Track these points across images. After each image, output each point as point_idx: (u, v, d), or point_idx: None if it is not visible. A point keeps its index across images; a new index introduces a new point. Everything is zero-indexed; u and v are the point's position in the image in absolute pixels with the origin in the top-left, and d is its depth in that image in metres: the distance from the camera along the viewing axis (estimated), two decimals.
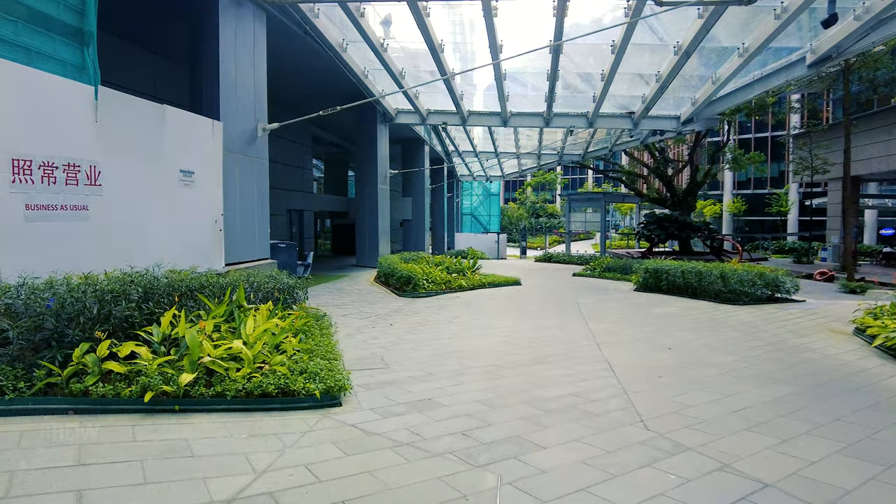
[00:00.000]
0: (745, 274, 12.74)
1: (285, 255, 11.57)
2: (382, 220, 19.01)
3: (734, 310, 11.51)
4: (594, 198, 43.63)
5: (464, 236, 39.29)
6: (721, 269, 13.24)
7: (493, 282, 15.82)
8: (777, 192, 52.49)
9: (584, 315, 10.74)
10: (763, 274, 12.74)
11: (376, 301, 12.11)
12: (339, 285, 14.57)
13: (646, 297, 13.88)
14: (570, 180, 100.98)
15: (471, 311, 10.98)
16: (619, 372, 6.24)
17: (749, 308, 11.76)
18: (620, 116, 18.31)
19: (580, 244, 59.51)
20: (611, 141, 30.22)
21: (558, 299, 13.29)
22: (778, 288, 12.73)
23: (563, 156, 32.98)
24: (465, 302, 12.33)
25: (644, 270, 15.41)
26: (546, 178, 78.22)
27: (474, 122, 19.09)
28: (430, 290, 13.43)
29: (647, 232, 29.73)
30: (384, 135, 19.32)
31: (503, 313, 10.87)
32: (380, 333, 8.66)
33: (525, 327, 9.35)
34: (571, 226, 40.21)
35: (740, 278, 12.65)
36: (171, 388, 4.22)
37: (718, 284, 12.93)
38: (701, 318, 10.39)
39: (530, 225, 73.69)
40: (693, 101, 16.55)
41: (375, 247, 18.67)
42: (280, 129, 19.40)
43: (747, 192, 57.14)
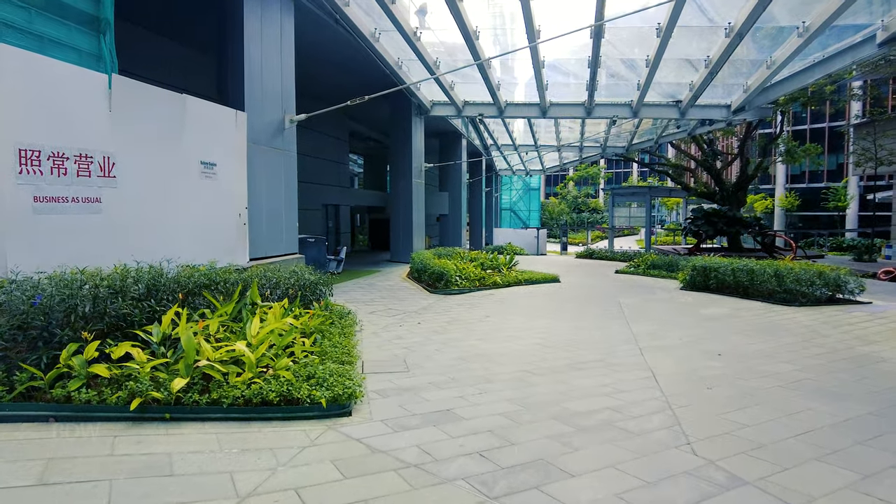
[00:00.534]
0: (802, 272, 11.77)
1: (314, 251, 11.30)
2: (417, 215, 18.62)
3: (790, 311, 10.61)
4: (639, 192, 42.26)
5: (502, 232, 38.60)
6: (775, 267, 12.29)
7: (530, 279, 15.21)
8: (834, 186, 49.73)
9: (625, 315, 10.06)
10: (823, 273, 11.73)
11: (406, 298, 11.71)
12: (370, 281, 14.25)
13: (693, 296, 13.03)
14: (613, 174, 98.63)
15: (504, 310, 10.45)
16: (663, 381, 5.61)
17: (807, 310, 10.82)
18: (666, 105, 17.36)
19: (624, 240, 57.90)
20: (656, 132, 29.03)
21: (598, 298, 12.61)
22: (840, 288, 11.72)
23: (607, 148, 31.90)
24: (499, 300, 11.80)
25: (691, 268, 14.53)
26: (589, 172, 76.58)
27: (512, 114, 18.46)
28: (463, 286, 12.95)
29: (694, 228, 28.44)
30: (419, 128, 18.90)
31: (538, 312, 10.29)
32: (406, 332, 8.23)
33: (561, 328, 8.76)
34: (615, 221, 38.93)
35: (797, 277, 11.69)
36: (161, 394, 3.87)
37: (772, 283, 11.99)
38: (753, 321, 9.57)
39: (572, 220, 72.26)
40: (745, 87, 15.49)
41: (409, 242, 18.30)
42: (316, 123, 19.23)
43: (801, 186, 54.41)
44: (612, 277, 17.70)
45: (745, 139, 32.34)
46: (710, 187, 35.27)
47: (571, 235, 57.69)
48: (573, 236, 57.46)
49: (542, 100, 17.39)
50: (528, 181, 49.06)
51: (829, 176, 52.58)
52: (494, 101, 17.73)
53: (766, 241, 27.54)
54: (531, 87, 17.32)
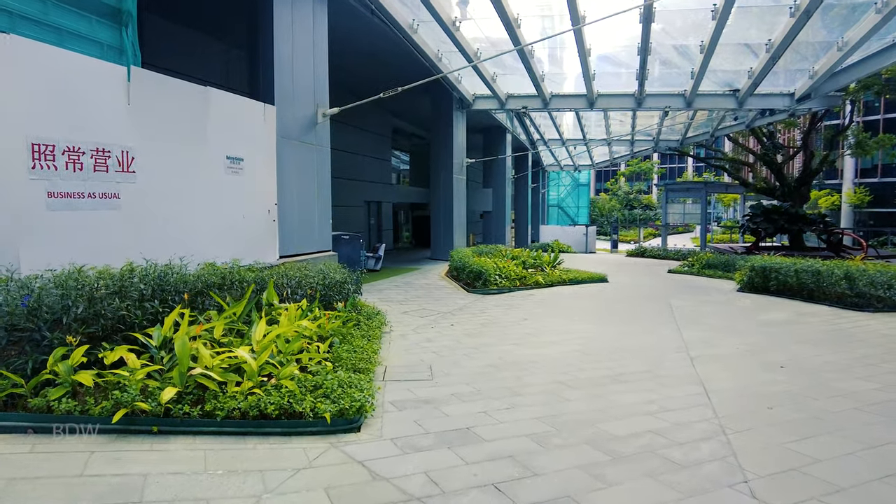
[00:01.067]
0: (877, 274, 10.68)
1: (349, 248, 11.02)
2: (457, 212, 18.16)
3: (863, 318, 9.59)
4: (694, 188, 40.47)
5: (549, 229, 37.72)
6: (845, 268, 11.21)
7: (575, 278, 14.52)
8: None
9: (676, 319, 9.31)
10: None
11: (442, 297, 11.27)
12: (407, 279, 13.90)
13: (751, 298, 12.07)
14: (667, 170, 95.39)
15: (544, 312, 9.86)
16: (717, 399, 4.96)
17: (883, 316, 9.77)
18: (723, 95, 16.26)
19: (677, 238, 55.74)
20: (712, 125, 27.62)
21: (648, 299, 11.83)
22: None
23: (659, 142, 30.60)
24: (539, 301, 11.21)
25: (749, 268, 13.52)
26: (641, 167, 74.15)
27: (557, 106, 17.73)
28: (503, 286, 12.41)
29: (752, 225, 26.85)
30: (461, 122, 18.42)
31: (581, 315, 9.66)
32: (437, 335, 7.79)
33: (605, 333, 8.13)
34: (668, 218, 37.45)
35: (871, 279, 10.61)
36: (148, 405, 3.56)
37: (842, 286, 10.93)
38: (820, 328, 8.65)
39: (623, 217, 70.21)
40: (811, 73, 14.27)
41: (450, 239, 17.87)
42: (358, 119, 19.05)
43: (873, 181, 50.87)
44: (664, 277, 16.76)
45: (810, 131, 30.29)
46: (770, 183, 33.32)
47: (622, 233, 55.96)
48: (624, 234, 55.73)
49: (589, 91, 16.61)
50: (576, 176, 47.81)
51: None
52: (539, 92, 17.06)
53: (833, 240, 25.72)
54: (581, 82, 16.59)
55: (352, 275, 8.38)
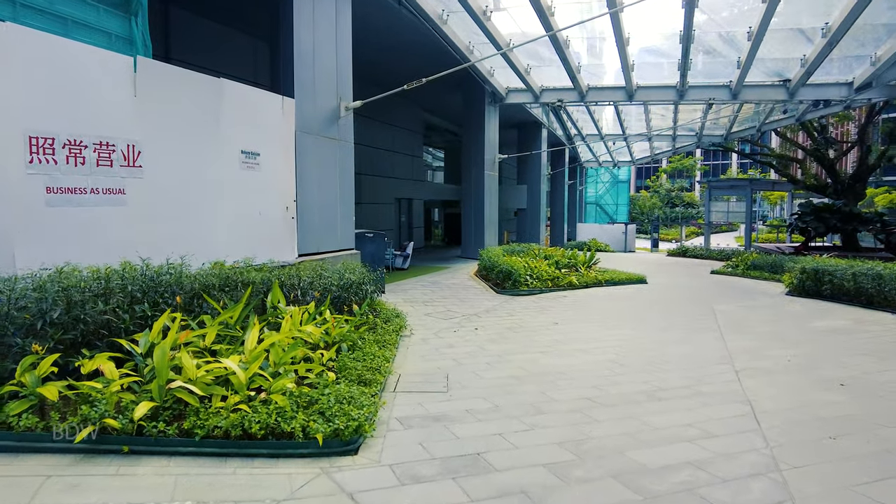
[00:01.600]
0: None
1: (372, 246, 10.65)
2: (489, 209, 17.64)
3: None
4: (738, 185, 38.81)
5: (587, 227, 36.77)
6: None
7: (611, 279, 13.84)
8: None
9: (719, 325, 8.60)
10: None
11: (469, 298, 10.80)
12: (435, 278, 13.47)
13: (802, 303, 11.20)
14: (710, 167, 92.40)
15: (576, 316, 9.28)
16: (767, 423, 4.35)
17: None
18: (772, 86, 15.25)
19: (721, 237, 53.74)
20: (759, 119, 26.28)
21: (690, 303, 11.10)
22: None
23: (702, 137, 29.34)
24: (572, 303, 10.62)
25: (800, 270, 12.61)
26: (683, 163, 72.16)
27: (594, 98, 17.00)
28: (534, 287, 11.86)
29: (801, 224, 25.44)
30: (493, 117, 17.88)
31: (617, 320, 9.04)
32: (458, 340, 7.34)
33: (642, 341, 7.52)
34: (711, 216, 36.01)
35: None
36: (118, 422, 3.21)
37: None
38: (886, 338, 7.82)
39: (664, 215, 68.24)
40: (872, 59, 13.17)
41: (481, 237, 17.37)
42: (389, 115, 18.73)
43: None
44: (707, 278, 15.89)
45: (867, 124, 28.53)
46: (821, 179, 31.62)
47: (663, 231, 54.30)
48: (665, 232, 54.07)
49: (628, 82, 15.83)
50: (615, 173, 46.51)
51: None
52: (575, 85, 16.37)
53: (893, 241, 24.11)
54: (619, 74, 15.85)
55: (371, 274, 7.99)
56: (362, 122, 18.62)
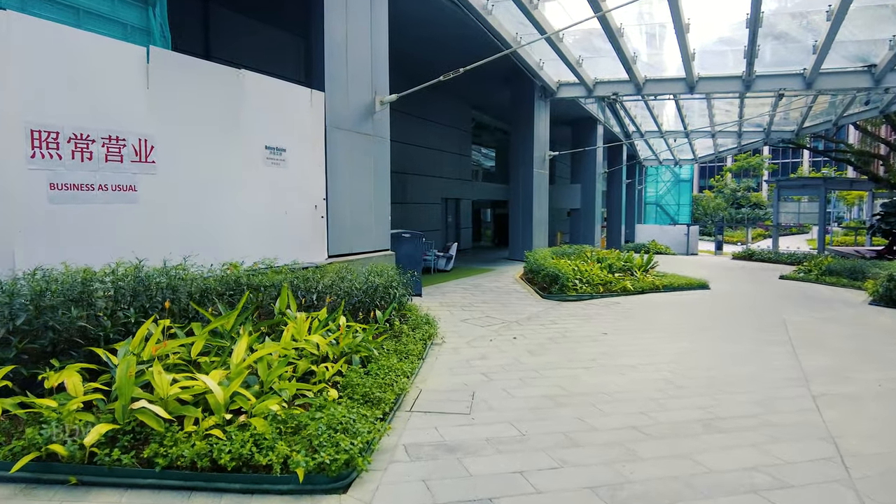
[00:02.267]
0: None
1: (410, 247, 10.14)
2: (538, 209, 16.83)
3: None
4: (811, 184, 36.13)
5: (646, 228, 35.17)
6: None
7: (670, 284, 12.84)
8: None
9: (791, 339, 7.59)
10: None
11: (512, 303, 10.12)
12: (478, 281, 12.84)
13: (891, 315, 9.91)
14: (779, 165, 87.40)
15: (628, 326, 8.45)
16: (859, 471, 3.50)
17: None
18: (854, 72, 13.76)
19: (790, 239, 50.42)
20: (836, 111, 24.20)
21: (756, 312, 10.02)
22: None
23: (771, 133, 27.35)
24: (624, 310, 9.76)
25: (888, 277, 11.25)
26: (750, 162, 68.55)
27: (652, 91, 15.93)
28: (583, 292, 11.05)
29: (885, 225, 23.40)
30: (543, 112, 17.08)
31: (674, 330, 8.16)
32: (493, 350, 6.70)
33: (701, 356, 6.66)
34: (780, 217, 33.70)
35: None
36: (66, 449, 2.78)
37: None
38: None
39: (729, 216, 64.93)
40: None
41: (528, 238, 16.59)
42: (436, 113, 18.25)
43: None
44: (776, 284, 14.56)
45: None
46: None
47: (728, 233, 51.52)
48: (730, 234, 51.27)
49: (688, 73, 14.70)
50: (677, 172, 44.39)
51: None
52: (630, 77, 15.37)
53: None
54: (680, 65, 14.75)
55: (401, 277, 7.47)
56: (406, 119, 18.23)
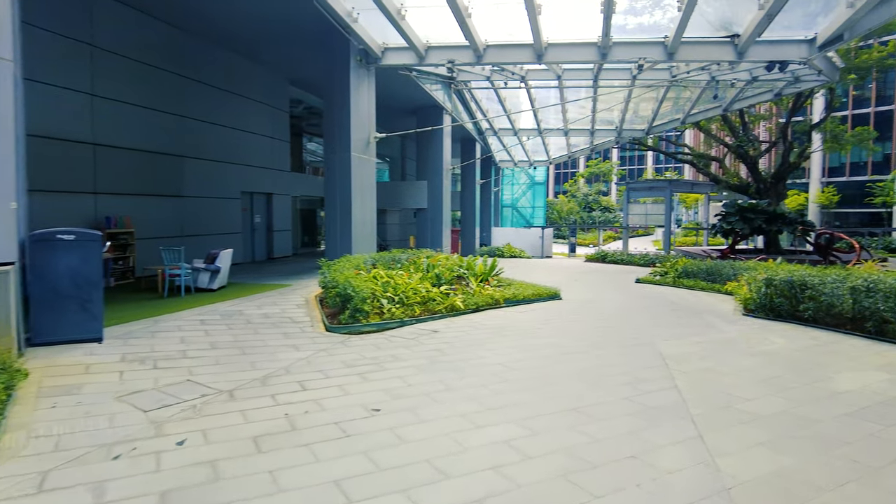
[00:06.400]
0: None
1: (74, 258, 5.87)
2: (361, 205, 13.21)
3: None
4: (657, 186, 36.60)
5: (502, 231, 33.21)
6: None
7: (514, 297, 9.91)
8: (882, 179, 43.68)
9: (686, 402, 4.62)
10: None
11: (266, 345, 6.34)
12: (246, 305, 8.87)
13: (780, 332, 7.59)
14: (627, 171, 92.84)
15: (425, 386, 5.00)
16: None
17: None
18: (717, 43, 11.84)
19: (638, 241, 52.19)
20: (683, 109, 23.58)
21: (620, 336, 7.18)
22: None
23: (623, 131, 26.42)
24: (436, 349, 6.39)
25: (765, 283, 9.14)
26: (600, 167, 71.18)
27: (495, 59, 13.02)
28: (390, 316, 7.57)
29: (726, 225, 23.11)
30: (365, 83, 13.50)
31: (499, 393, 4.85)
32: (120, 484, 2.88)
33: (539, 461, 3.37)
34: (629, 220, 33.41)
35: None
36: None
37: None
38: None
39: (581, 220, 66.73)
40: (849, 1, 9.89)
41: (348, 241, 12.89)
42: (239, 83, 14.15)
43: (841, 180, 48.30)
44: (634, 290, 12.30)
45: (792, 115, 26.65)
46: (743, 179, 29.75)
47: (581, 236, 52.04)
48: (583, 237, 51.81)
49: (536, 37, 11.95)
50: (532, 175, 43.50)
51: (875, 168, 46.36)
52: (469, 40, 12.32)
53: (822, 242, 21.94)
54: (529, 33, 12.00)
55: None
56: (188, 85, 13.78)
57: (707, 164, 31.00)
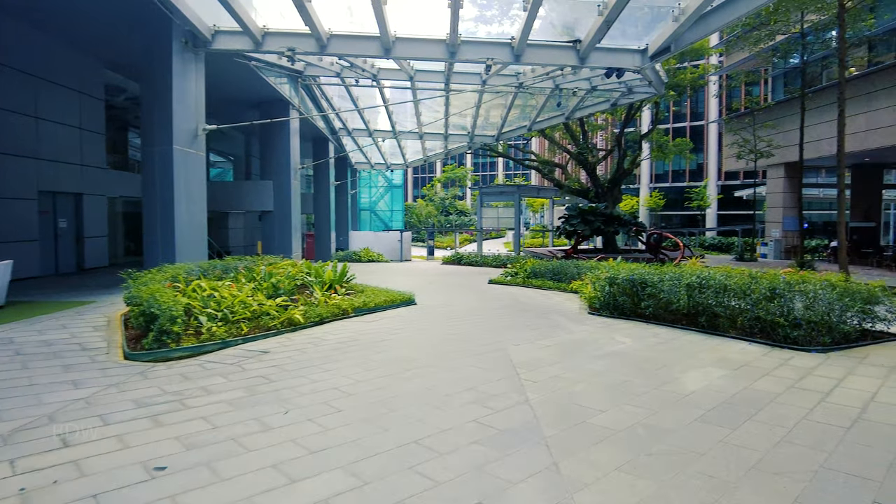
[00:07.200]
0: (822, 290, 6.79)
1: None
2: (186, 206, 11.57)
3: (827, 367, 5.43)
4: (507, 191, 38.08)
5: (360, 235, 32.29)
6: (770, 282, 7.21)
7: (365, 305, 9.16)
8: (697, 185, 49.56)
9: (530, 403, 4.21)
10: (850, 288, 6.82)
11: (38, 381, 4.92)
12: (18, 331, 7.07)
13: (624, 331, 7.66)
14: (480, 177, 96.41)
15: (252, 412, 4.09)
16: None
17: (841, 358, 5.82)
18: (560, 47, 12.08)
19: (491, 243, 54.13)
20: (530, 117, 24.47)
21: (470, 341, 6.75)
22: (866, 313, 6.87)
23: (475, 137, 26.84)
24: (268, 368, 5.43)
25: (608, 281, 9.33)
26: (456, 173, 73.28)
27: (340, 49, 12.15)
28: (210, 337, 6.41)
29: (569, 227, 24.49)
30: (192, 68, 11.89)
31: (338, 413, 4.07)
32: None
33: (372, 488, 2.64)
34: (483, 223, 34.28)
35: (812, 297, 6.70)
36: None
37: (769, 308, 6.91)
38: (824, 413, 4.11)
39: (439, 223, 67.85)
40: (675, 14, 10.50)
41: (171, 248, 11.22)
42: (40, 64, 11.94)
43: (665, 186, 54.07)
44: (487, 292, 12.18)
45: (625, 125, 28.97)
46: (583, 184, 31.81)
47: (439, 239, 52.75)
48: (440, 239, 52.54)
49: (382, 30, 11.30)
50: (389, 178, 43.01)
51: (691, 176, 52.50)
52: (312, 28, 11.34)
53: (653, 241, 24.04)
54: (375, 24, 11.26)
55: None
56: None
57: (551, 171, 32.71)
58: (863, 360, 5.83)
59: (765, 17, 21.82)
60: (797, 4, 18.98)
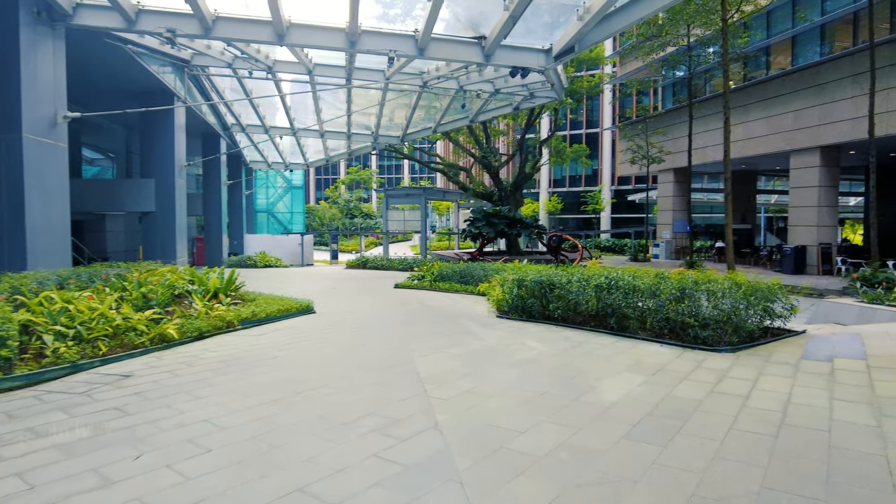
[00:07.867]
0: (728, 289, 6.79)
1: None
2: (41, 206, 9.92)
3: (738, 368, 5.34)
4: (413, 193, 37.66)
5: (257, 238, 30.41)
6: (679, 282, 7.14)
7: (255, 315, 8.24)
8: (592, 189, 51.80)
9: (440, 428, 3.66)
10: (754, 287, 6.88)
11: None
12: None
13: (535, 335, 7.33)
14: (385, 179, 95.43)
15: (92, 459, 3.18)
16: None
17: (750, 357, 5.80)
18: (465, 42, 11.70)
19: (398, 246, 53.47)
20: (435, 119, 24.17)
21: (373, 353, 6.09)
22: (766, 311, 6.98)
23: (379, 137, 26.11)
24: (127, 397, 4.47)
25: (516, 283, 9.06)
26: (360, 175, 72.01)
27: (226, 34, 11.02)
28: (55, 360, 5.28)
29: (475, 229, 24.55)
30: (48, 44, 10.25)
31: (205, 455, 3.27)
32: None
33: None
34: (389, 226, 33.62)
35: (720, 296, 6.69)
36: None
37: (679, 309, 6.83)
38: (751, 421, 3.88)
39: (344, 226, 66.19)
40: (580, 13, 10.44)
41: (21, 254, 9.56)
42: None
43: (563, 190, 56.08)
44: (392, 296, 11.61)
45: (526, 130, 29.49)
46: (487, 187, 32.08)
47: (343, 242, 51.22)
48: (345, 243, 51.07)
49: (275, 13, 10.34)
50: (289, 178, 41.09)
51: (587, 181, 54.80)
52: (192, 6, 10.16)
53: (553, 243, 24.56)
54: None
55: None
56: None
57: (456, 174, 32.74)
58: (769, 358, 5.82)
59: (655, 29, 22.98)
60: (685, 18, 20.05)
